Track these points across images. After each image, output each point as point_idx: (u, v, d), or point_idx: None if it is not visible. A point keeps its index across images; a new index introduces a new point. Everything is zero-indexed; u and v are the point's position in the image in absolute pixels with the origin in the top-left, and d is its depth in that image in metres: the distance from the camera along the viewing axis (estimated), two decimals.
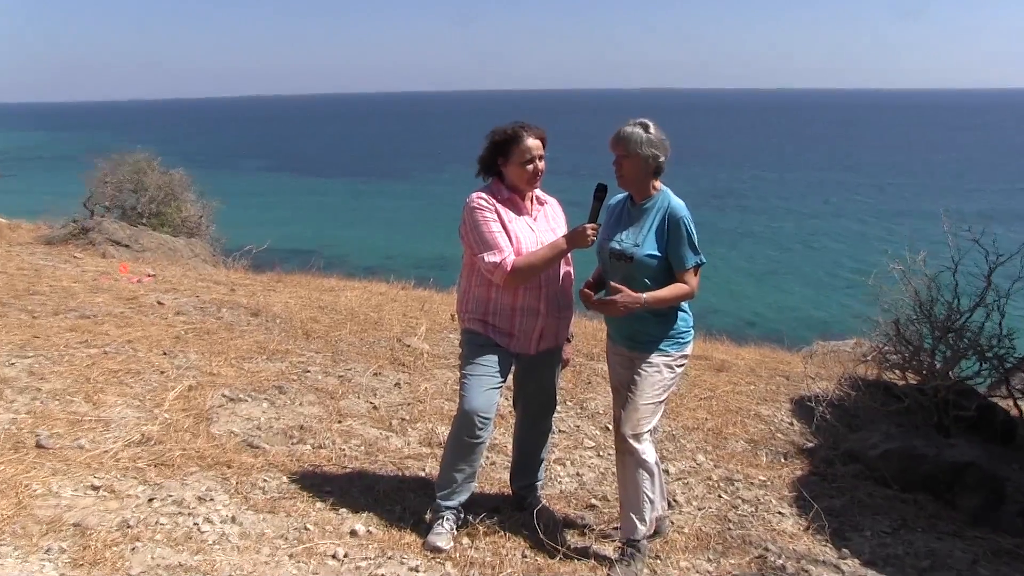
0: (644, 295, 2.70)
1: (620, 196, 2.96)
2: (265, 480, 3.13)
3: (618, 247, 2.81)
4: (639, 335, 2.84)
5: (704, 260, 2.78)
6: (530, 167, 2.84)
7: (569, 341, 3.13)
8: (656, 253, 2.74)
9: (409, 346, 5.33)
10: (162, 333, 4.86)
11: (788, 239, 26.89)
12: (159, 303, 5.68)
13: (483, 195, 2.84)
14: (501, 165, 2.88)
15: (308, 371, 4.53)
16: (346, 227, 29.36)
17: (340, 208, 34.29)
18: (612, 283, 2.75)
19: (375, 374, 4.67)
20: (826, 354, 6.08)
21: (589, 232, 2.76)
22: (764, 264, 23.30)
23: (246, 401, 3.93)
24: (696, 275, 2.77)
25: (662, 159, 2.77)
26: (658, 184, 2.83)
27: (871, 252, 23.39)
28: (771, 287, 20.55)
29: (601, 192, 2.81)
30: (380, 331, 5.66)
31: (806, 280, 21.19)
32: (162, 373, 4.12)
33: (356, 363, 4.83)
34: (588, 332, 6.19)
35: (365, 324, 5.80)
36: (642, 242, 2.76)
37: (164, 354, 4.44)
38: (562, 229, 3.00)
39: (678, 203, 2.78)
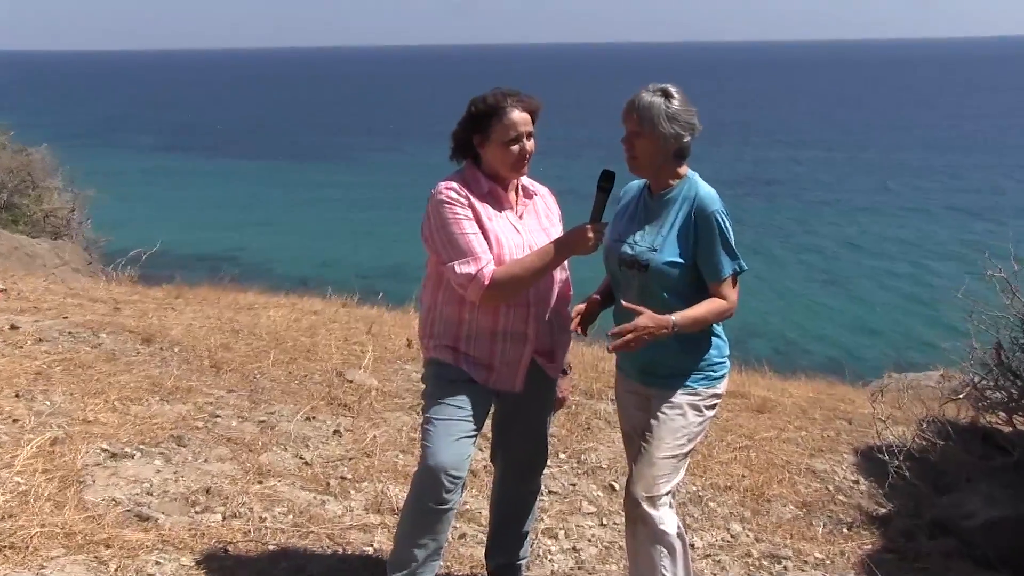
0: (673, 316, 2.69)
1: (635, 184, 2.96)
2: (158, 563, 3.06)
3: (630, 252, 2.81)
4: (658, 367, 2.84)
5: (745, 266, 2.79)
6: (515, 148, 2.83)
7: (565, 374, 3.12)
8: (679, 260, 2.75)
9: (352, 381, 5.30)
10: (16, 368, 4.76)
11: (837, 238, 27.10)
12: (12, 327, 5.57)
13: (453, 185, 2.84)
14: (478, 145, 2.87)
15: (218, 416, 4.50)
16: (269, 225, 29.24)
17: (261, 200, 34.17)
18: (625, 303, 2.73)
19: (307, 419, 4.64)
20: (902, 390, 6.12)
21: (591, 234, 2.75)
22: (805, 272, 23.49)
23: (133, 457, 3.86)
24: (735, 286, 2.79)
25: (687, 139, 2.77)
26: (683, 169, 2.84)
27: (947, 257, 23.73)
28: (818, 303, 20.70)
29: (607, 181, 2.81)
30: (314, 362, 5.64)
31: (864, 293, 21.37)
32: (15, 422, 4.03)
33: (282, 404, 4.80)
34: (587, 362, 6.19)
35: (294, 353, 5.78)
36: (661, 245, 2.76)
37: (18, 396, 4.35)
38: (557, 229, 2.99)
39: (708, 192, 2.79)
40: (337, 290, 8.70)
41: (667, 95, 2.74)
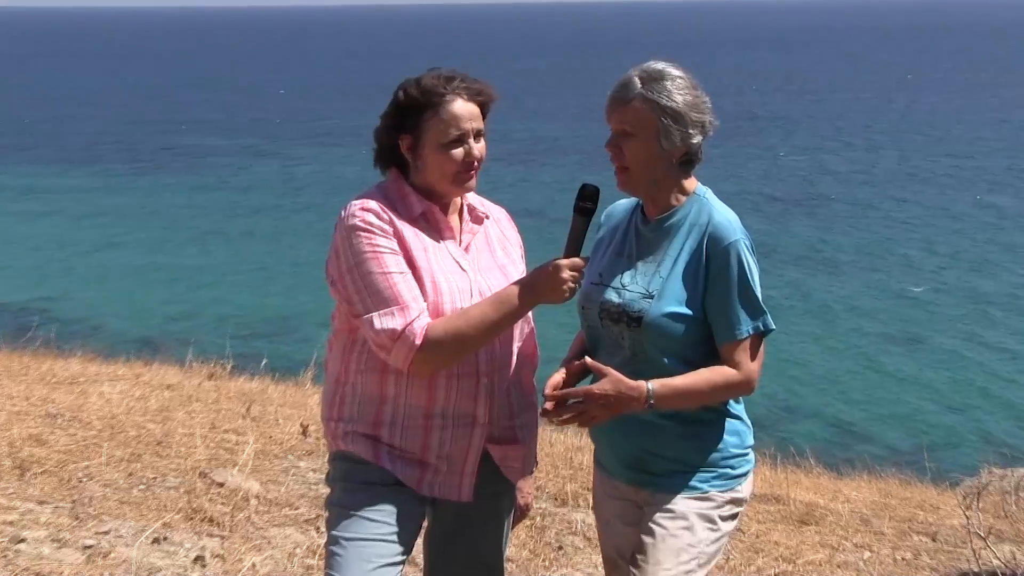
0: (651, 384, 2.73)
1: (622, 205, 3.04)
2: None
3: (616, 300, 2.86)
4: (652, 460, 2.88)
5: (771, 325, 2.84)
6: (457, 152, 2.87)
7: (529, 473, 3.14)
8: (684, 310, 2.80)
9: (222, 486, 5.27)
10: None
11: (892, 281, 27.27)
12: None
13: (372, 204, 2.86)
14: (406, 149, 2.91)
15: (23, 540, 4.44)
16: (99, 263, 28.92)
17: (84, 227, 33.79)
18: (591, 361, 2.78)
19: (156, 540, 4.60)
20: (1008, 492, 6.20)
21: (566, 273, 2.78)
22: (854, 328, 23.54)
23: None
24: (757, 351, 2.83)
25: (696, 139, 2.84)
26: (691, 183, 2.92)
27: None
28: (879, 372, 20.78)
29: (590, 199, 2.85)
30: (167, 459, 5.60)
31: (939, 359, 21.49)
32: None
33: (119, 520, 4.75)
34: (558, 453, 6.23)
35: (138, 446, 5.74)
36: (660, 290, 2.82)
37: None
38: (517, 266, 3.04)
39: (725, 217, 2.85)
40: (201, 355, 8.65)
41: (662, 80, 2.80)
